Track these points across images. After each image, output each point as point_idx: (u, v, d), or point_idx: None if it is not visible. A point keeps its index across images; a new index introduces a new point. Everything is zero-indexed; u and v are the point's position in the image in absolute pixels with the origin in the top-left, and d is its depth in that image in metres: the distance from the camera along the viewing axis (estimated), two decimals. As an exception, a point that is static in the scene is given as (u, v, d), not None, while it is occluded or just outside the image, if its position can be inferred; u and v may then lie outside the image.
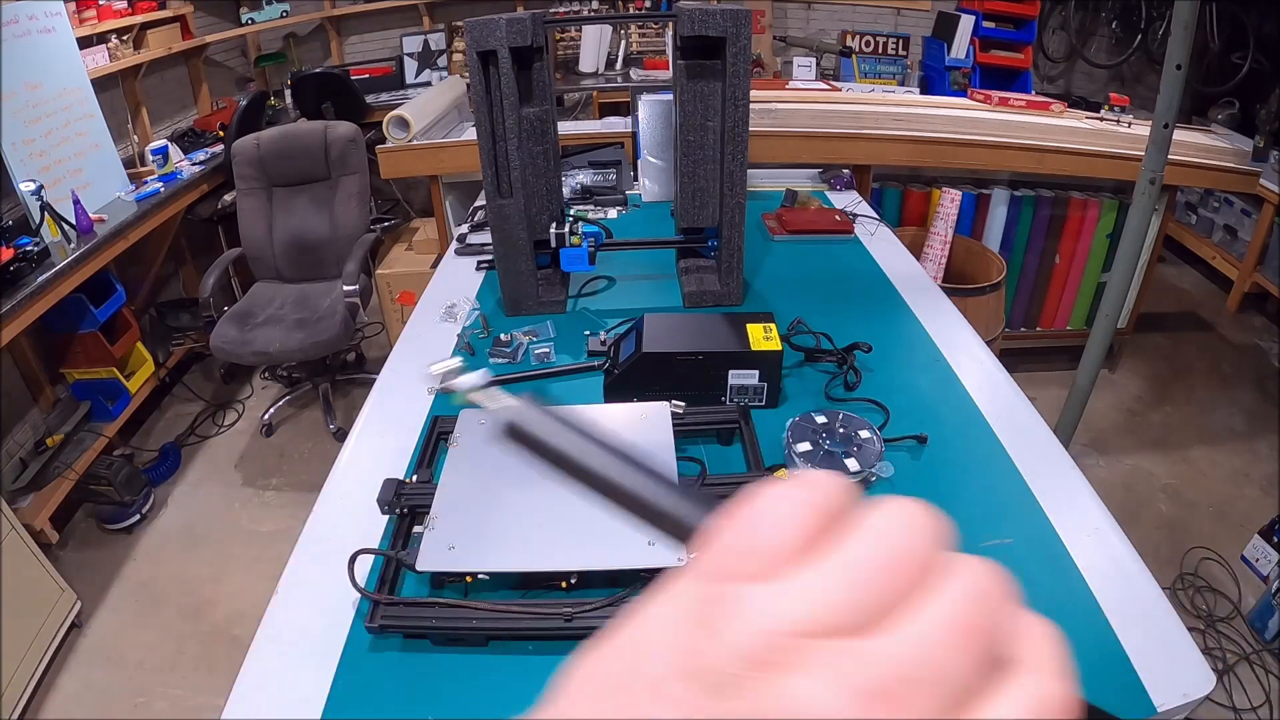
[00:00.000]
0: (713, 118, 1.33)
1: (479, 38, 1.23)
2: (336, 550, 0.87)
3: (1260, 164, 2.91)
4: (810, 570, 0.18)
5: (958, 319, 1.42)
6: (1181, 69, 1.66)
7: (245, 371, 3.19)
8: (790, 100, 2.51)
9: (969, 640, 0.17)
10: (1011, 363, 1.45)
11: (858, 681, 0.16)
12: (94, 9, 2.85)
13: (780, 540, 0.19)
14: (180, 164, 3.00)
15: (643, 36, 3.96)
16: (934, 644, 0.17)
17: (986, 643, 0.18)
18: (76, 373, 2.59)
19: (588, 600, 0.78)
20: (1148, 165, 1.80)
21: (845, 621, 0.17)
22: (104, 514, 2.42)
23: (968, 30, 3.69)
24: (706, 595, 0.18)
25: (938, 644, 0.17)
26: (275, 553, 2.34)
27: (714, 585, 0.18)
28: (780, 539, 0.19)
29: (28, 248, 2.22)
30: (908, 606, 0.18)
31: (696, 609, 0.18)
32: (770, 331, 1.14)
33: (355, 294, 2.56)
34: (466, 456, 0.94)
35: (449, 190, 2.67)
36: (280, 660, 0.79)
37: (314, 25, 4.09)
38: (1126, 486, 2.50)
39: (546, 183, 1.46)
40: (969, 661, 0.17)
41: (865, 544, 0.18)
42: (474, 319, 1.41)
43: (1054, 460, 1.05)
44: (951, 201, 2.44)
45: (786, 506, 0.19)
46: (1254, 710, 1.78)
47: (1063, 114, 2.69)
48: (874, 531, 0.19)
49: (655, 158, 1.97)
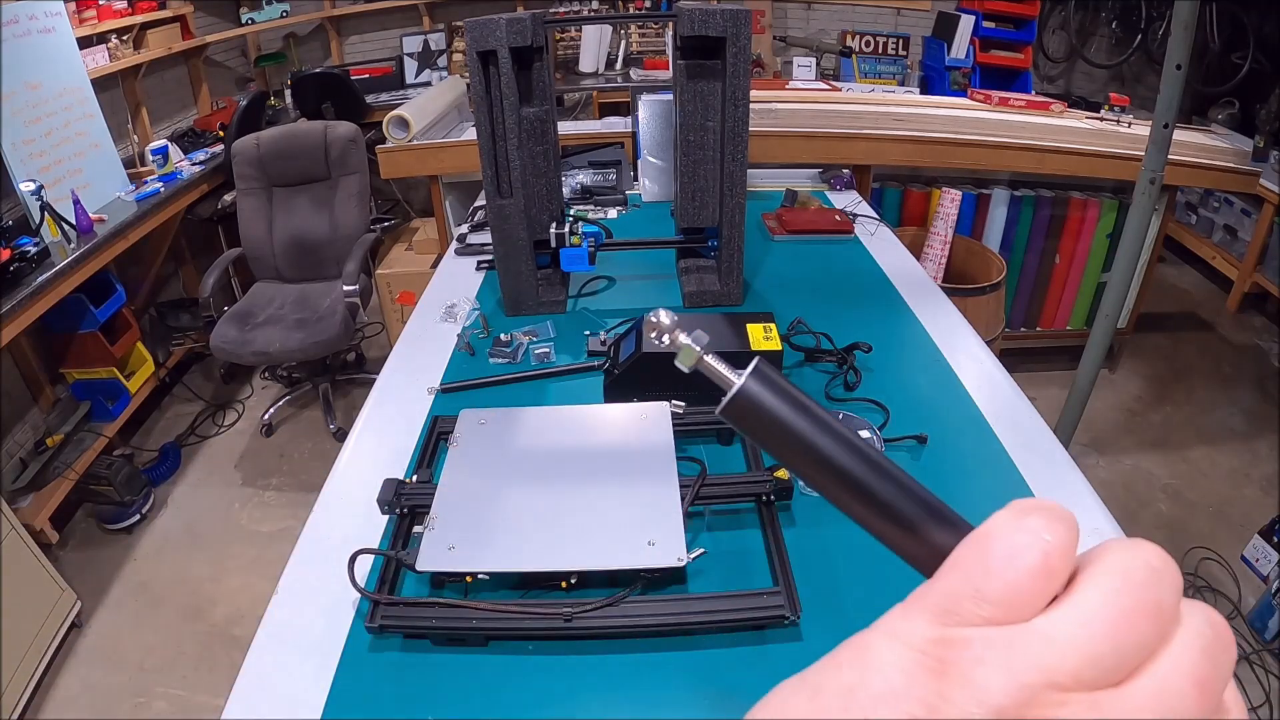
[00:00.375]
0: (713, 118, 1.33)
1: (479, 38, 1.23)
2: (336, 550, 0.87)
3: (1260, 164, 2.91)
4: (1057, 616, 0.17)
5: (958, 319, 1.42)
6: (1181, 69, 1.66)
7: (245, 371, 3.19)
8: (790, 100, 2.51)
9: (1206, 692, 0.17)
10: (1011, 363, 1.45)
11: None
12: (94, 9, 2.85)
13: (1020, 580, 0.18)
14: (180, 164, 3.00)
15: (643, 36, 3.96)
16: (1178, 696, 0.17)
17: (1218, 693, 0.18)
18: (76, 373, 2.59)
19: (588, 600, 0.78)
20: (1148, 165, 1.80)
21: (1095, 673, 0.17)
22: (104, 514, 2.42)
23: (968, 30, 3.69)
24: (944, 639, 0.17)
25: (1181, 696, 0.17)
26: (275, 553, 2.34)
27: (950, 629, 0.17)
28: (1020, 579, 0.18)
29: (28, 248, 2.22)
30: (1150, 657, 0.17)
31: (935, 654, 0.17)
32: (770, 331, 1.14)
33: (355, 294, 2.56)
34: (466, 456, 0.94)
35: (449, 190, 2.67)
36: (280, 660, 0.79)
37: (314, 25, 4.10)
38: (1126, 486, 2.50)
39: (546, 183, 1.46)
40: (1213, 709, 0.17)
41: (1112, 591, 0.18)
42: (474, 319, 1.40)
43: (1054, 460, 1.05)
44: (951, 201, 2.44)
45: (1025, 540, 0.18)
46: (1254, 710, 1.78)
47: (1063, 114, 2.69)
48: (1118, 577, 0.18)
49: (655, 158, 1.97)
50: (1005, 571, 0.18)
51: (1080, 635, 0.17)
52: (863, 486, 0.22)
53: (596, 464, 0.93)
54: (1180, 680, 0.17)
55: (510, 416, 1.03)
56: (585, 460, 0.94)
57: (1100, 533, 0.93)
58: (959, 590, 0.18)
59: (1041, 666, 0.16)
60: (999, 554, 0.18)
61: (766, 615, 0.77)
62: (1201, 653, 0.18)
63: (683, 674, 0.76)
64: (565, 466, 0.93)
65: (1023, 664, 0.16)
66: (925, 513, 0.22)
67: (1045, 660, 0.17)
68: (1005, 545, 0.18)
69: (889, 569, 0.24)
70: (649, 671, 0.76)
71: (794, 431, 0.23)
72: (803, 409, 0.23)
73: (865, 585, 0.84)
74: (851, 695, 0.17)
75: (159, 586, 2.26)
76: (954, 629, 0.17)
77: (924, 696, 0.16)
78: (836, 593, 0.84)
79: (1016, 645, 0.17)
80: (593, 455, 0.95)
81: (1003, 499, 0.20)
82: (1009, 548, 0.18)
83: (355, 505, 0.98)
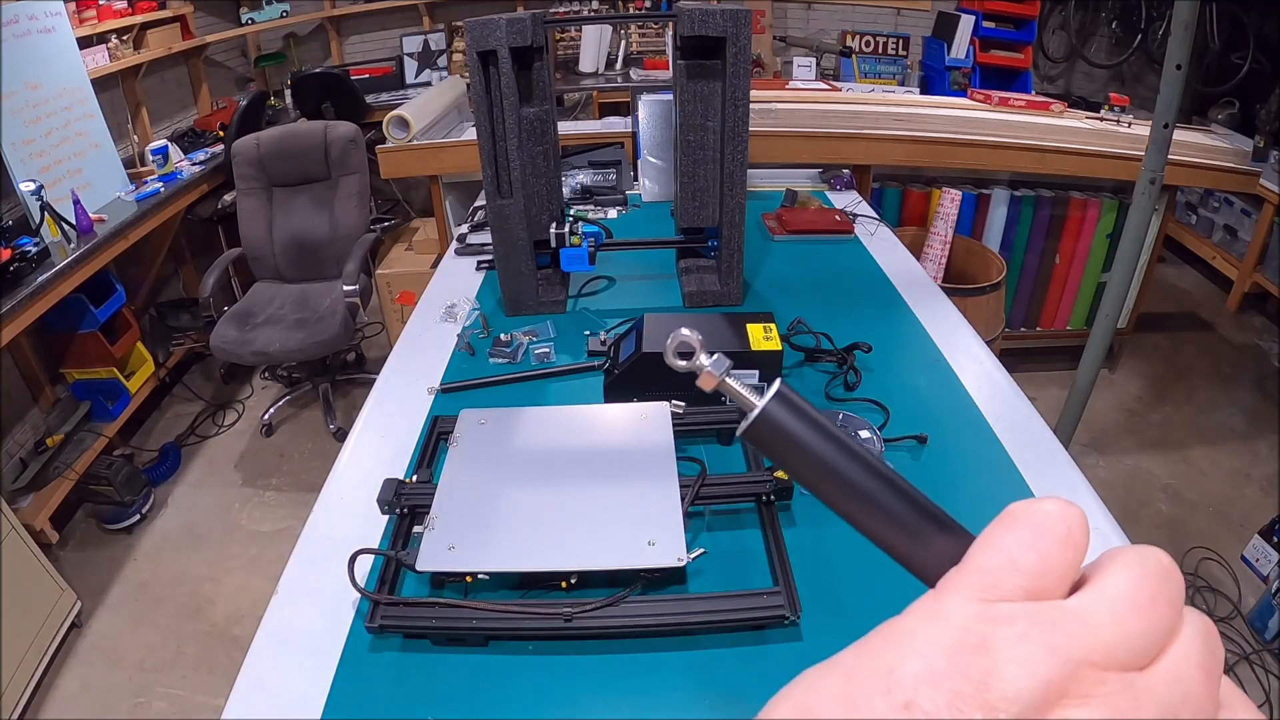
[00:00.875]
0: (713, 118, 1.33)
1: (479, 38, 1.23)
2: (336, 550, 0.87)
3: (1260, 164, 2.91)
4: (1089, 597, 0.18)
5: (958, 319, 1.42)
6: (1181, 69, 1.66)
7: (245, 371, 3.19)
8: (790, 100, 2.51)
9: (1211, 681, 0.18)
10: (1011, 363, 1.45)
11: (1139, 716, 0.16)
12: (94, 9, 2.85)
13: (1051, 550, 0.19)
14: (180, 164, 3.00)
15: (643, 36, 3.96)
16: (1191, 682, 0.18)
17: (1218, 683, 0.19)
18: (76, 373, 2.59)
19: (588, 600, 0.78)
20: (1148, 165, 1.80)
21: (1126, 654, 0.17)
22: (104, 514, 2.42)
23: (968, 30, 3.69)
24: (985, 616, 0.17)
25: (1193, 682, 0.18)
26: (275, 553, 2.34)
27: (990, 605, 0.18)
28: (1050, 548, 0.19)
29: (28, 248, 2.22)
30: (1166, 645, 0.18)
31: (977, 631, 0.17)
32: (770, 331, 1.14)
33: (355, 294, 2.56)
34: (466, 456, 0.94)
35: (449, 190, 2.67)
36: (280, 660, 0.79)
37: (314, 25, 4.10)
38: (1126, 486, 2.50)
39: (546, 183, 1.46)
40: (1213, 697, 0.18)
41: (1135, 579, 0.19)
42: (474, 319, 1.40)
43: (1054, 460, 1.05)
44: (951, 201, 2.44)
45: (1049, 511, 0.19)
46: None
47: (1063, 114, 2.69)
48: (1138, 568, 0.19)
49: (655, 158, 1.97)
50: (1037, 542, 0.19)
51: (1113, 616, 0.18)
52: (879, 504, 0.23)
53: (596, 464, 0.93)
54: (1191, 668, 0.18)
55: (510, 416, 1.03)
56: (585, 460, 0.94)
57: (1100, 532, 0.93)
58: (994, 564, 0.19)
59: (1083, 644, 0.17)
60: (1028, 526, 0.19)
61: (766, 615, 0.77)
62: (1203, 644, 0.19)
63: (683, 674, 0.76)
64: (565, 466, 0.93)
65: (1065, 640, 0.17)
66: (935, 525, 0.22)
67: (1085, 638, 0.17)
68: (1032, 519, 0.19)
69: (888, 569, 0.25)
70: (649, 671, 0.76)
71: (814, 452, 0.24)
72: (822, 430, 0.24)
73: (865, 585, 0.84)
74: (891, 676, 0.17)
75: (159, 586, 2.26)
76: (993, 605, 0.18)
77: (969, 673, 0.16)
78: (836, 593, 0.84)
79: (1056, 622, 0.17)
80: (593, 455, 0.95)
81: (1003, 499, 0.20)
82: (1036, 521, 0.19)
83: (355, 505, 0.98)
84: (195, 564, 2.32)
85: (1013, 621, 0.17)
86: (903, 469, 1.02)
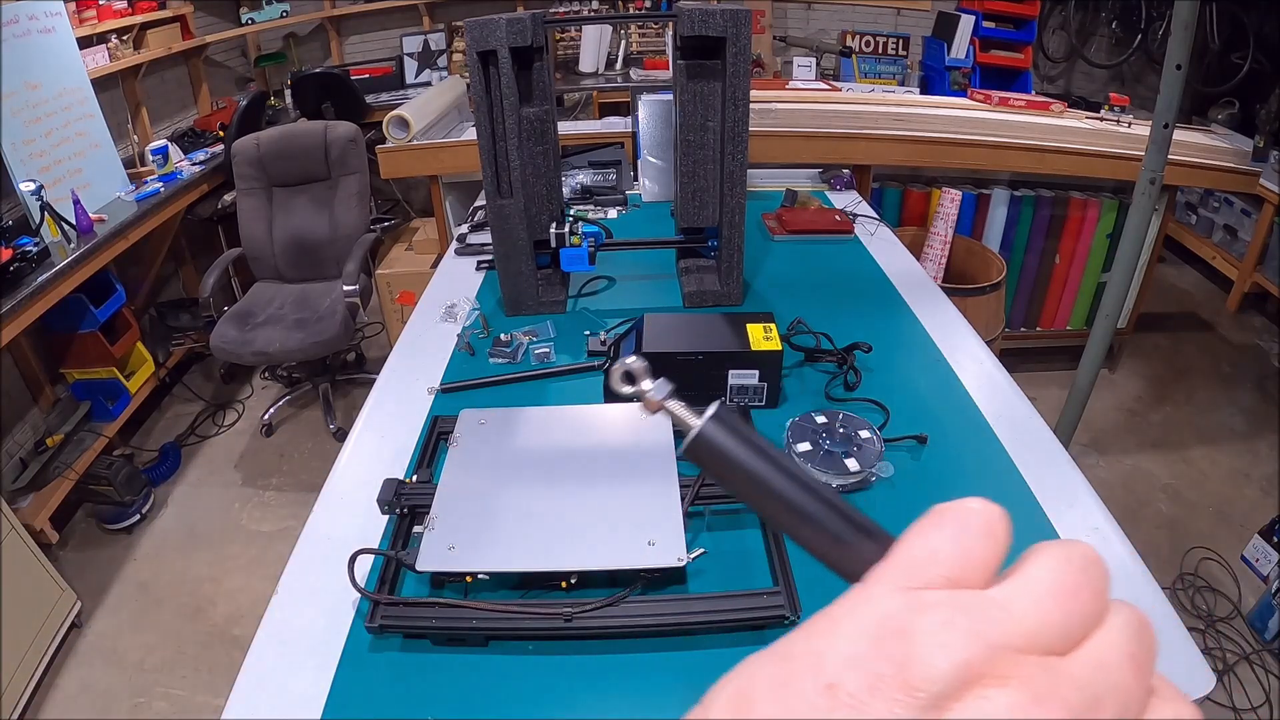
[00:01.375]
0: (713, 118, 1.33)
1: (479, 38, 1.23)
2: (336, 550, 0.87)
3: (1260, 164, 2.90)
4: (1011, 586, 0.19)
5: (958, 319, 1.42)
6: (1181, 69, 1.66)
7: (245, 371, 3.19)
8: (790, 100, 2.51)
9: (1139, 669, 0.19)
10: (1011, 363, 1.45)
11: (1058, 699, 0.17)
12: (94, 9, 2.85)
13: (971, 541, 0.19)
14: (180, 164, 3.00)
15: (643, 36, 3.96)
16: (1116, 669, 0.18)
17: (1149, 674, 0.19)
18: (76, 373, 2.59)
19: (588, 600, 0.78)
20: (1148, 165, 1.80)
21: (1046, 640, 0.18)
22: (104, 514, 2.42)
23: (968, 30, 3.69)
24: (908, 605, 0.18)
25: (1119, 669, 0.18)
26: (275, 553, 2.34)
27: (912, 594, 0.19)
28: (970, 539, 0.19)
29: (28, 248, 2.22)
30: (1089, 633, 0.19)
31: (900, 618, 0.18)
32: (770, 331, 1.14)
33: (355, 294, 2.56)
34: (466, 456, 0.94)
35: (449, 190, 2.67)
36: (280, 660, 0.79)
37: (314, 25, 4.09)
38: (1126, 486, 2.50)
39: (546, 183, 1.46)
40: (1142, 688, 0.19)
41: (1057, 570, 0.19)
42: (474, 319, 1.40)
43: (1054, 460, 1.05)
44: (951, 201, 2.44)
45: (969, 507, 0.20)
46: (1254, 710, 1.78)
47: (1063, 114, 2.69)
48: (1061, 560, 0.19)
49: (655, 158, 1.97)
50: (959, 535, 0.20)
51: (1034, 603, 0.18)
52: (808, 515, 0.25)
53: (596, 464, 0.93)
54: (1117, 655, 0.18)
55: (510, 416, 1.03)
56: (585, 460, 0.94)
57: (1100, 533, 0.93)
58: (916, 554, 0.20)
59: (1003, 629, 0.18)
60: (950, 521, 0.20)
61: (766, 615, 0.77)
62: (1132, 635, 0.19)
63: (683, 674, 0.76)
64: (565, 466, 0.93)
65: (985, 625, 0.18)
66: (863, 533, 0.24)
67: (1005, 624, 0.18)
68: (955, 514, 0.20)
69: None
70: (649, 671, 0.76)
71: (748, 469, 0.25)
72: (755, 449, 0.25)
73: (865, 585, 0.84)
74: (820, 660, 0.18)
75: (159, 586, 2.26)
76: (916, 593, 0.19)
77: (891, 655, 0.17)
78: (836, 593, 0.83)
79: (976, 609, 0.18)
80: (593, 455, 0.95)
81: (1003, 499, 0.20)
82: (958, 516, 0.20)
83: (355, 505, 0.98)
84: (195, 564, 2.32)
85: (934, 608, 0.18)
86: (903, 469, 1.02)
